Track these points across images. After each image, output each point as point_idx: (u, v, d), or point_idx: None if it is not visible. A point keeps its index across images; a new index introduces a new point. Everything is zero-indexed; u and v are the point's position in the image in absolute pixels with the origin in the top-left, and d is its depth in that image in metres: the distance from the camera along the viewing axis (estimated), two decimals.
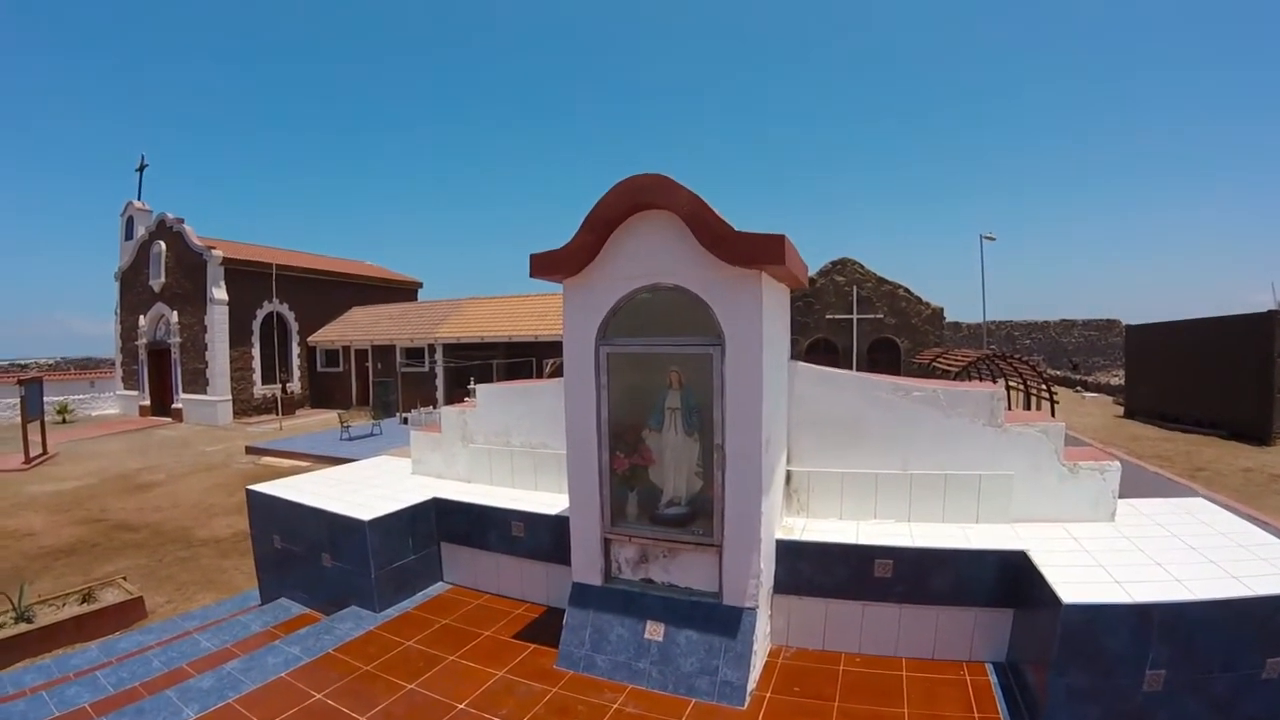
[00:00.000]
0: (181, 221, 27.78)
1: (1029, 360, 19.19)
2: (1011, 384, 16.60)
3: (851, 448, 4.66)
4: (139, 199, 30.13)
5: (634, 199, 3.85)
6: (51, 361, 39.78)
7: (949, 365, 19.41)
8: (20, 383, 19.33)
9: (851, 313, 27.16)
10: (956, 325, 39.10)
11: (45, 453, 18.68)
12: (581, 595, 4.26)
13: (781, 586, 4.19)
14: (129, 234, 30.21)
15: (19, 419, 18.50)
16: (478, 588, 5.49)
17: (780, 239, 3.54)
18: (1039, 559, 3.68)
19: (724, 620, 3.87)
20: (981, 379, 18.95)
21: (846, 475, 4.65)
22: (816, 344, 27.42)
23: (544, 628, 4.60)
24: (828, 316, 27.44)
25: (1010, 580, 3.83)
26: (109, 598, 7.32)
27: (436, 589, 5.53)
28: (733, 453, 3.83)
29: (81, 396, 30.86)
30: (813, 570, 4.16)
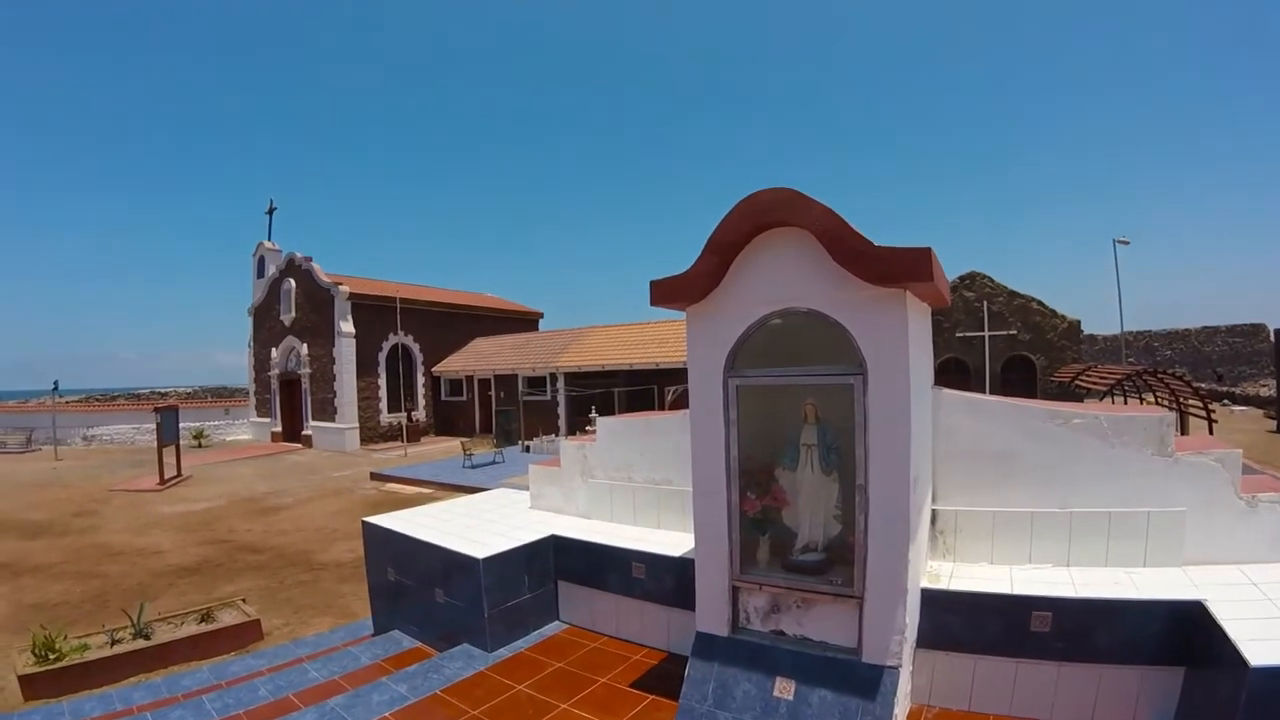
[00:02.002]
0: (309, 260, 30.59)
1: (1179, 374, 17.63)
2: (1161, 401, 15.39)
3: (1004, 483, 4.38)
4: (269, 239, 33.59)
5: (759, 217, 3.79)
6: (190, 390, 44.15)
7: (1093, 384, 18.21)
8: (157, 410, 21.50)
9: (983, 329, 26.27)
10: (1092, 338, 37.45)
11: (179, 475, 20.59)
12: (706, 646, 4.15)
13: (925, 640, 3.93)
14: (260, 272, 33.68)
15: (156, 443, 20.49)
16: (595, 629, 5.50)
17: (926, 252, 3.37)
18: (1218, 610, 3.31)
19: (863, 680, 3.66)
20: (1127, 398, 17.74)
21: (998, 514, 4.37)
22: (946, 364, 26.65)
23: (664, 677, 4.53)
24: (958, 334, 26.68)
25: (1183, 635, 3.47)
26: (227, 618, 7.85)
27: (552, 629, 5.59)
28: (876, 494, 3.64)
29: (217, 423, 34.21)
30: (961, 623, 3.90)
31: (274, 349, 31.97)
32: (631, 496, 6.02)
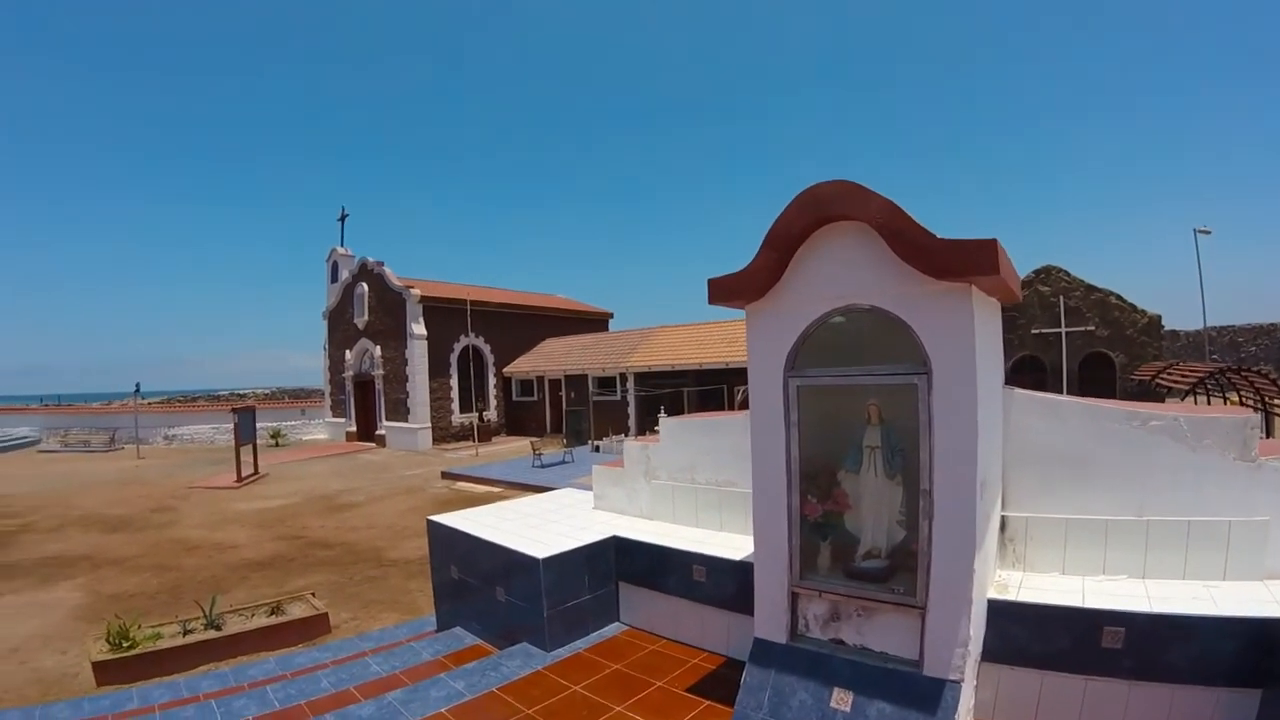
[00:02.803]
0: (381, 264, 31.85)
1: (1265, 373, 16.68)
2: (1245, 401, 14.61)
3: (1077, 489, 4.23)
4: (342, 245, 35.22)
5: (819, 211, 3.74)
6: (268, 392, 46.29)
7: (1174, 383, 17.43)
8: (235, 411, 22.80)
9: (1059, 326, 25.36)
10: (1174, 334, 35.67)
11: (255, 473, 21.67)
12: (763, 652, 4.13)
13: (990, 654, 3.82)
14: (334, 277, 35.38)
15: (233, 443, 21.61)
16: (654, 631, 5.53)
17: (992, 244, 3.27)
18: None
19: (923, 693, 3.58)
20: (1210, 397, 16.95)
21: (1071, 522, 4.22)
22: (1022, 362, 25.94)
23: (721, 682, 4.53)
24: (1033, 331, 25.90)
25: (1262, 654, 3.29)
26: (296, 611, 8.20)
27: (611, 630, 5.65)
28: (942, 499, 3.55)
29: (293, 423, 35.78)
30: (1028, 636, 3.77)
31: (348, 351, 33.34)
32: (694, 498, 6.03)
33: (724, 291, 4.22)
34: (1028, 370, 25.52)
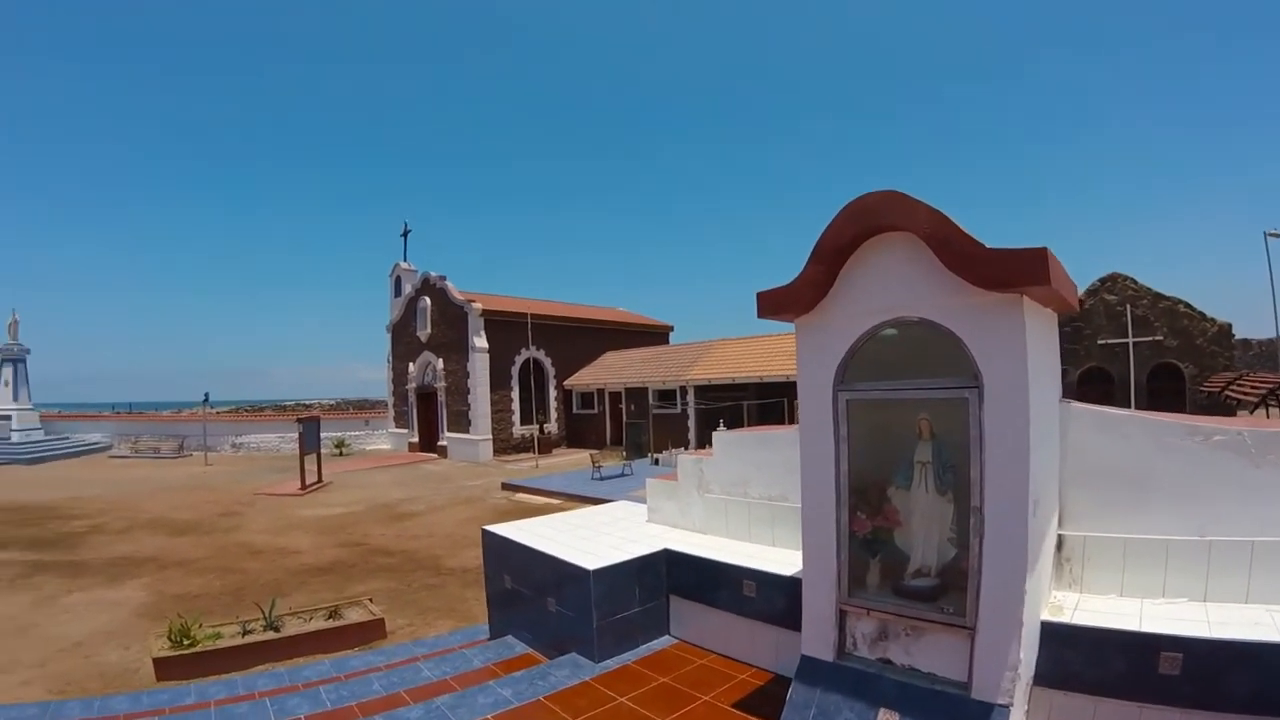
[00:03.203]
0: (443, 279, 32.70)
1: None
2: None
3: (1137, 507, 4.08)
4: (405, 260, 36.27)
5: (865, 221, 3.74)
6: (333, 402, 47.85)
7: (1244, 394, 16.68)
8: (300, 420, 23.80)
9: (1126, 336, 24.47)
10: (1245, 343, 33.80)
11: (319, 481, 22.41)
12: (809, 670, 4.11)
13: (1043, 678, 3.70)
14: (397, 291, 36.47)
15: (298, 451, 22.40)
16: (704, 646, 5.53)
17: (1042, 253, 3.22)
18: None
19: (971, 717, 3.50)
20: None
21: (1129, 541, 4.07)
22: (1089, 374, 25.17)
23: (767, 699, 4.50)
24: (1100, 341, 25.06)
25: None
26: (353, 616, 8.43)
27: (661, 643, 5.67)
28: (992, 517, 3.50)
29: (357, 433, 36.76)
30: (1082, 661, 3.65)
31: (411, 364, 34.28)
32: (747, 512, 6.02)
33: (773, 305, 4.24)
34: (1094, 382, 24.79)
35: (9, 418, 33.55)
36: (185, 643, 7.27)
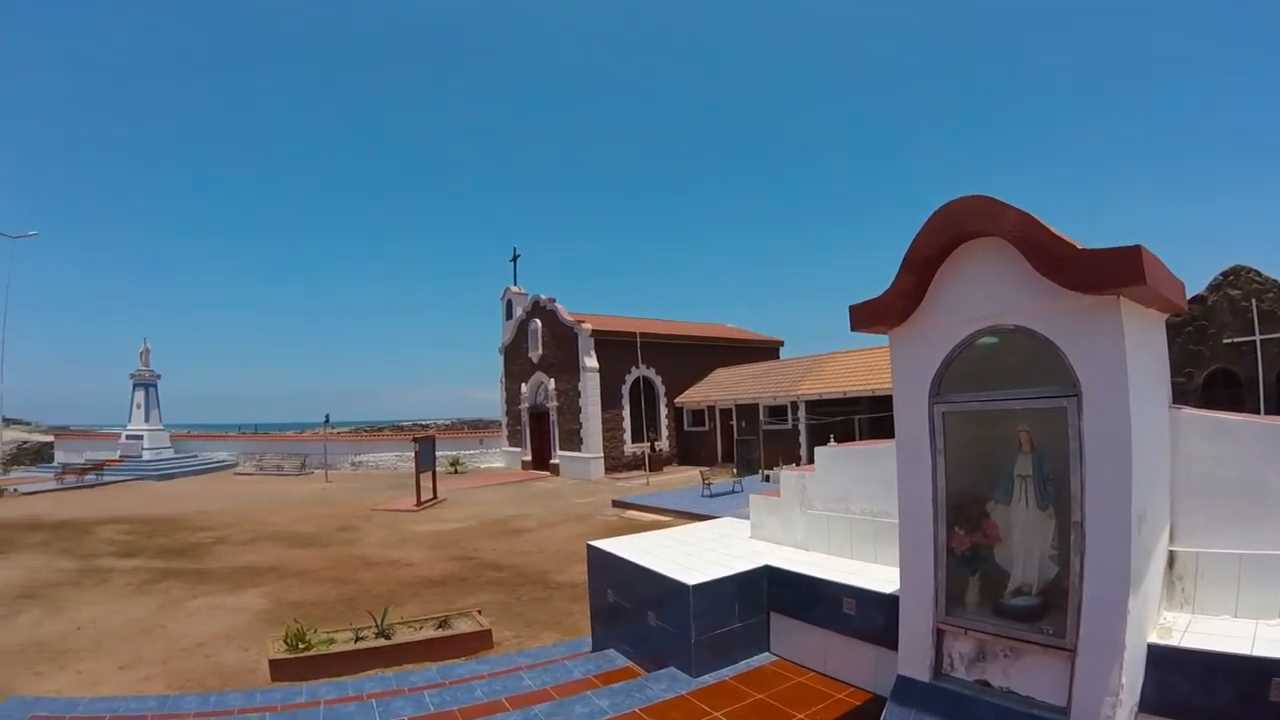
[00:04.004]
0: (553, 301, 33.68)
1: None
2: None
3: (1254, 521, 3.81)
4: (515, 284, 37.99)
5: (954, 228, 3.71)
6: (448, 422, 49.88)
7: None
8: (416, 440, 24.92)
9: (1252, 334, 22.14)
10: None
11: (434, 498, 23.45)
12: (905, 690, 4.05)
13: (1149, 704, 3.48)
14: (509, 314, 38.04)
15: (414, 469, 23.47)
16: (803, 664, 5.52)
17: (1136, 251, 3.10)
18: None
19: None
20: None
21: (1244, 558, 3.81)
22: (1214, 376, 22.89)
23: (863, 718, 4.48)
24: (1225, 340, 22.72)
25: None
26: (462, 626, 8.79)
27: (760, 659, 5.69)
28: (1093, 532, 3.37)
29: (472, 451, 38.26)
30: (1190, 688, 3.42)
31: (523, 384, 35.43)
32: (849, 528, 5.98)
33: (866, 317, 4.24)
34: (1220, 385, 22.62)
35: (141, 437, 36.89)
36: (300, 646, 7.77)
